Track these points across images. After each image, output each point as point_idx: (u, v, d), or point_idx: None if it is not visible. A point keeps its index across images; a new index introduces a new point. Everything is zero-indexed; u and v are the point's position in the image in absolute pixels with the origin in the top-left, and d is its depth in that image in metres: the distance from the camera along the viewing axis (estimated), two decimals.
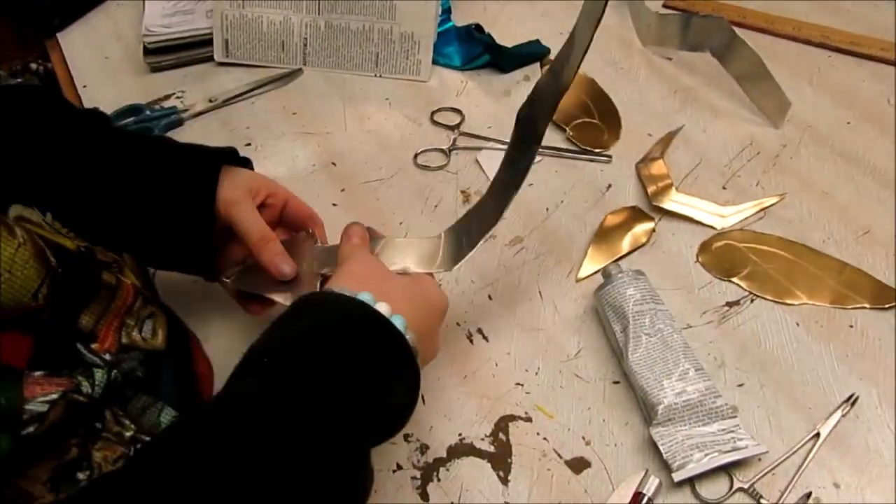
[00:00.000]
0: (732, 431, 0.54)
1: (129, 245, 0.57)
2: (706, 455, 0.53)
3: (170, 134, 0.81)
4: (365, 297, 0.45)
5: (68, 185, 0.53)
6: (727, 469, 0.53)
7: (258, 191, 0.57)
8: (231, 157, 0.58)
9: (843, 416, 0.56)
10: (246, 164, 0.60)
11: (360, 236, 0.54)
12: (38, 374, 0.42)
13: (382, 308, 0.45)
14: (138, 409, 0.49)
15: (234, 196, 0.55)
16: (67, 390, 0.42)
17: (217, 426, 0.38)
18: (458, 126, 0.81)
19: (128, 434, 0.46)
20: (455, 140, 0.79)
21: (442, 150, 0.78)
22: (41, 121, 0.54)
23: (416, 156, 0.78)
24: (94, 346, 0.46)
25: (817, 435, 0.55)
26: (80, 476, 0.43)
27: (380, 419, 0.43)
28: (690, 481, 0.53)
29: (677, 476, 0.52)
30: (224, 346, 0.63)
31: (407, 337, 0.45)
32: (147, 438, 0.47)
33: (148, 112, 0.83)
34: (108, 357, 0.46)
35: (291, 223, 0.60)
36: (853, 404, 0.57)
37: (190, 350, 0.59)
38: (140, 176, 0.54)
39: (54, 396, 0.41)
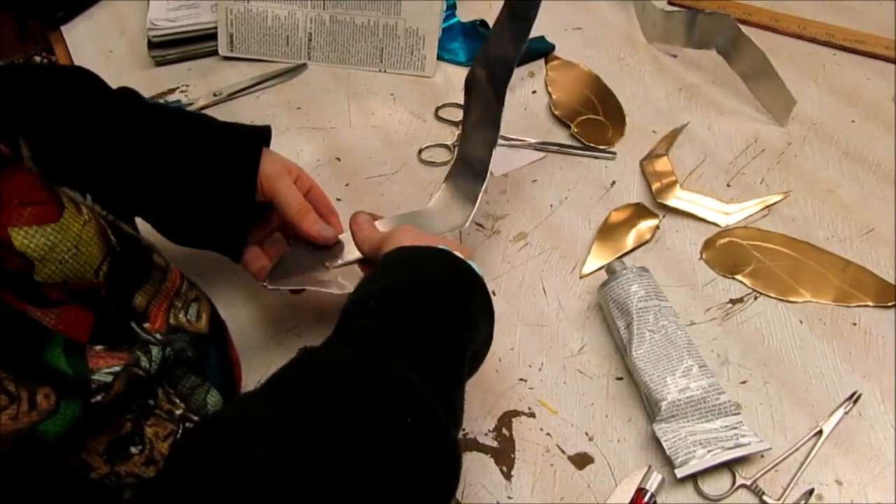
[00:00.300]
0: (735, 428, 0.54)
1: (166, 220, 0.59)
2: (709, 451, 0.53)
3: None
4: (444, 248, 0.49)
5: (107, 161, 0.55)
6: (730, 465, 0.53)
7: (290, 170, 0.60)
8: (268, 137, 0.61)
9: (846, 413, 0.56)
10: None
11: (369, 222, 0.58)
12: (99, 347, 0.42)
13: (460, 255, 0.50)
14: (188, 388, 0.50)
15: (274, 171, 0.58)
16: (128, 364, 0.43)
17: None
18: (461, 122, 0.81)
19: (178, 412, 0.47)
20: (460, 136, 0.79)
21: (446, 146, 0.78)
22: (81, 100, 0.56)
23: (420, 151, 0.78)
24: (146, 325, 0.47)
25: (820, 432, 0.55)
26: (133, 450, 0.44)
27: (479, 349, 0.49)
28: (693, 477, 0.53)
29: (680, 472, 0.52)
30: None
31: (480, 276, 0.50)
32: (195, 418, 0.48)
33: None
34: (158, 336, 0.48)
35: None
36: (856, 402, 0.57)
37: (226, 336, 0.59)
38: (181, 151, 0.57)
39: (117, 369, 0.42)
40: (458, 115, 0.82)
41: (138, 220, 0.62)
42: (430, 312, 0.46)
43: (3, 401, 0.36)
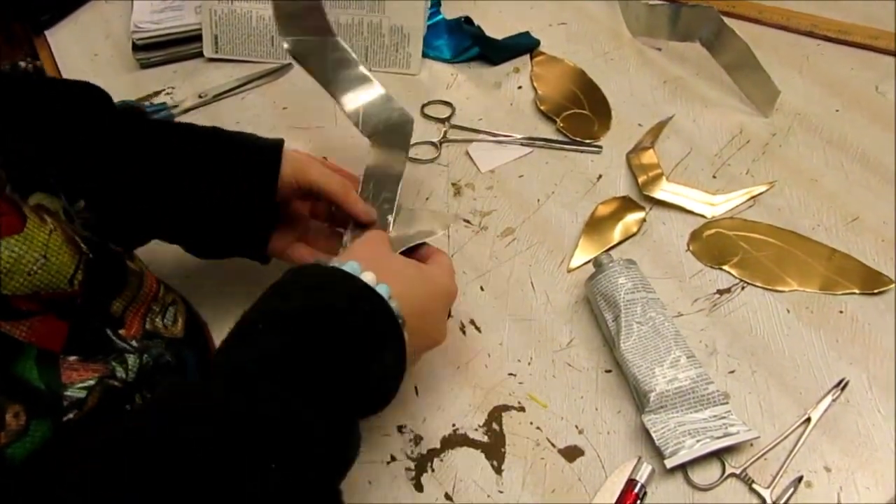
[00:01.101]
0: (724, 418, 0.54)
1: (191, 235, 0.58)
2: (698, 441, 0.53)
3: None
4: (350, 266, 0.46)
5: (123, 181, 0.54)
6: (719, 455, 0.54)
7: (314, 158, 0.61)
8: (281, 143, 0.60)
9: (834, 400, 0.57)
10: None
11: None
12: (72, 358, 0.42)
13: (367, 277, 0.46)
14: None
15: (302, 162, 0.58)
16: (103, 376, 0.42)
17: (209, 389, 0.39)
18: (448, 119, 0.81)
19: None
20: (446, 133, 0.79)
21: (433, 143, 0.78)
22: (89, 117, 0.55)
23: None
24: (121, 331, 0.47)
25: (808, 420, 0.56)
26: None
27: (366, 385, 0.44)
28: (683, 467, 0.53)
29: (670, 462, 0.52)
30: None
31: (391, 304, 0.46)
32: None
33: (138, 108, 0.82)
34: (134, 343, 0.47)
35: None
36: (843, 389, 0.57)
37: (205, 337, 0.59)
38: (201, 165, 0.56)
39: (91, 382, 0.41)
40: (443, 111, 0.82)
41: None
42: (304, 350, 0.42)
43: None
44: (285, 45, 0.66)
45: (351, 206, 0.59)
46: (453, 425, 0.57)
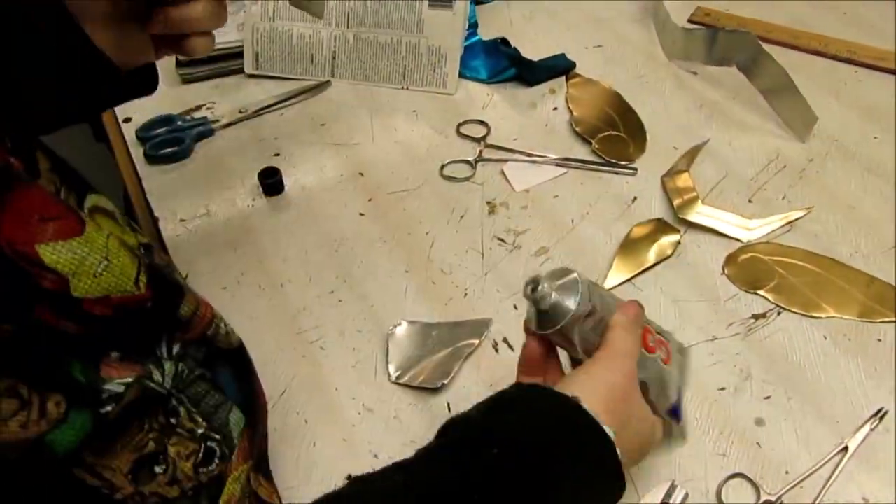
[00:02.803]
0: None
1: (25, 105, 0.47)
2: None
3: (201, 143, 0.83)
4: (609, 432, 0.43)
5: None
6: (754, 481, 0.53)
7: None
8: None
9: (872, 430, 0.56)
10: None
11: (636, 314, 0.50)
12: (114, 355, 0.42)
13: (608, 431, 0.43)
14: (211, 407, 0.49)
15: None
16: (141, 376, 0.43)
17: None
18: (483, 138, 0.82)
19: (200, 431, 0.47)
20: (481, 152, 0.80)
21: (468, 162, 0.79)
22: None
23: (442, 167, 0.79)
24: (178, 334, 0.47)
25: (845, 448, 0.55)
26: (157, 469, 0.44)
27: None
28: (717, 493, 0.53)
29: None
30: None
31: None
32: (217, 437, 0.48)
33: (180, 122, 0.84)
34: (176, 350, 0.47)
35: None
36: (882, 418, 0.56)
37: (245, 352, 0.58)
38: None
39: (129, 380, 0.42)
40: (479, 131, 0.83)
41: None
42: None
43: (14, 405, 0.36)
44: None
45: None
46: None
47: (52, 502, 0.40)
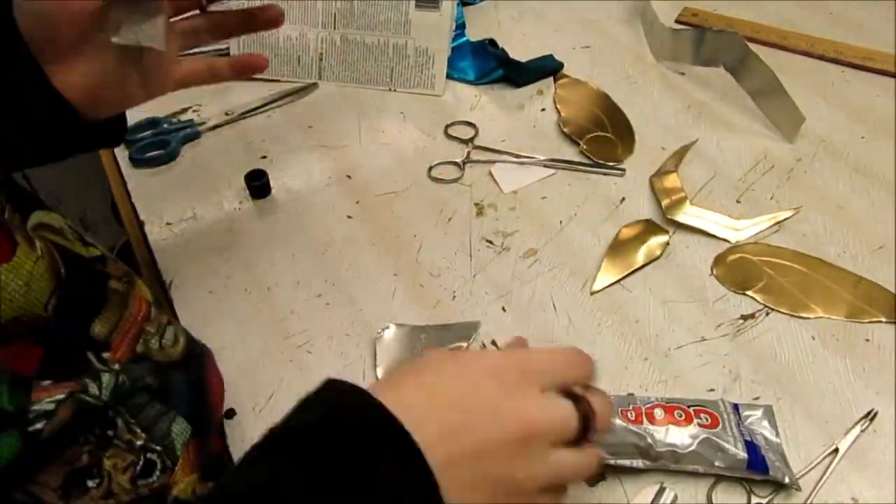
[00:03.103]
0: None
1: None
2: None
3: (187, 146, 0.82)
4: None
5: None
6: (745, 484, 0.53)
7: None
8: None
9: (863, 431, 0.56)
10: None
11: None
12: (46, 382, 0.42)
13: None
14: (151, 417, 0.48)
15: None
16: (74, 390, 0.42)
17: None
18: (472, 139, 0.81)
19: (138, 443, 0.46)
20: (469, 153, 0.80)
21: (456, 163, 0.79)
22: None
23: (430, 169, 0.78)
24: (105, 355, 0.46)
25: (836, 450, 0.55)
26: (90, 483, 0.43)
27: None
28: (707, 496, 0.52)
29: None
30: (238, 360, 0.63)
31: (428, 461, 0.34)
32: (158, 448, 0.47)
33: (166, 125, 0.84)
34: (116, 367, 0.46)
35: None
36: (872, 419, 0.56)
37: (203, 362, 0.58)
38: None
39: (61, 396, 0.41)
40: (467, 132, 0.82)
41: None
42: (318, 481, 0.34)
43: None
44: None
45: None
46: None
47: None
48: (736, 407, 0.56)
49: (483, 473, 0.36)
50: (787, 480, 0.52)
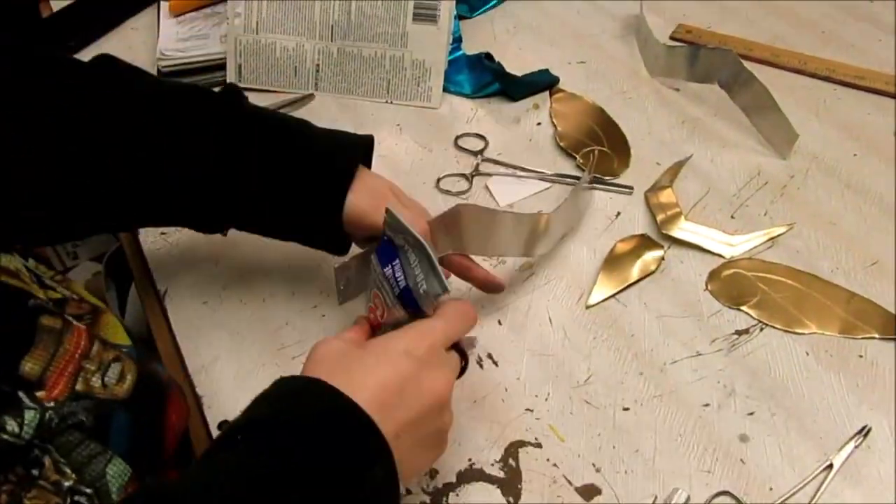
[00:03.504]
0: None
1: (261, 224, 0.59)
2: None
3: None
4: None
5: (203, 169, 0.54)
6: (739, 500, 0.53)
7: (393, 195, 0.58)
8: (368, 148, 0.61)
9: (856, 447, 0.56)
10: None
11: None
12: None
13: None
14: (84, 457, 0.46)
15: (369, 204, 0.56)
16: None
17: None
18: (481, 151, 0.81)
19: (66, 484, 0.44)
20: (478, 165, 0.80)
21: (464, 175, 0.79)
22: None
23: (438, 181, 0.78)
24: (39, 393, 0.44)
25: (830, 466, 0.55)
26: None
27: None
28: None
29: None
30: (232, 371, 0.63)
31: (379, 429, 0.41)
32: (88, 490, 0.45)
33: None
34: (51, 405, 0.44)
35: None
36: (866, 435, 0.57)
37: (161, 398, 0.55)
38: (272, 162, 0.56)
39: None
40: (475, 144, 0.83)
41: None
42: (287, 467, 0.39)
43: None
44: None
45: (472, 277, 0.63)
46: (469, 460, 0.57)
47: None
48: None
49: (416, 437, 0.44)
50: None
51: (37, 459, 0.43)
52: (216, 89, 0.58)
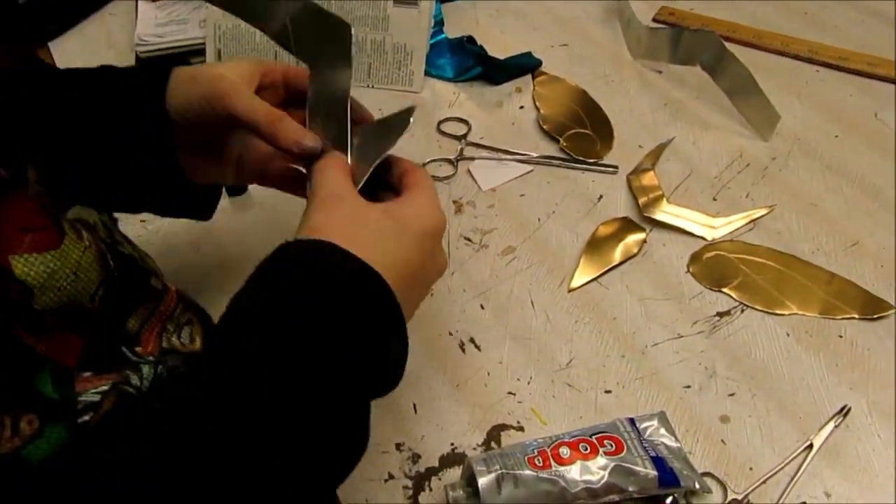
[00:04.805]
0: None
1: (109, 196, 0.53)
2: None
3: None
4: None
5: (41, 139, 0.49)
6: (722, 480, 0.53)
7: (252, 75, 0.50)
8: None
9: (836, 427, 0.56)
10: None
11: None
12: (87, 374, 0.42)
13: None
14: None
15: (221, 87, 0.47)
16: (117, 382, 0.43)
17: (215, 377, 0.38)
18: (465, 136, 0.81)
19: None
20: (462, 150, 0.79)
21: (449, 160, 0.78)
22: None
23: (423, 165, 0.78)
24: (137, 349, 0.47)
25: (810, 446, 0.55)
26: None
27: (372, 365, 0.42)
28: (684, 492, 0.53)
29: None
30: None
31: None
32: None
33: None
34: (150, 359, 0.47)
35: (300, 97, 0.52)
36: (846, 415, 0.57)
37: None
38: (86, 109, 0.49)
39: (105, 388, 0.42)
40: (459, 129, 0.82)
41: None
42: (307, 337, 0.40)
43: None
44: None
45: (279, 140, 0.47)
46: (452, 444, 0.57)
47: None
48: (632, 421, 0.54)
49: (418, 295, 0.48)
50: (696, 486, 0.52)
51: None
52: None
